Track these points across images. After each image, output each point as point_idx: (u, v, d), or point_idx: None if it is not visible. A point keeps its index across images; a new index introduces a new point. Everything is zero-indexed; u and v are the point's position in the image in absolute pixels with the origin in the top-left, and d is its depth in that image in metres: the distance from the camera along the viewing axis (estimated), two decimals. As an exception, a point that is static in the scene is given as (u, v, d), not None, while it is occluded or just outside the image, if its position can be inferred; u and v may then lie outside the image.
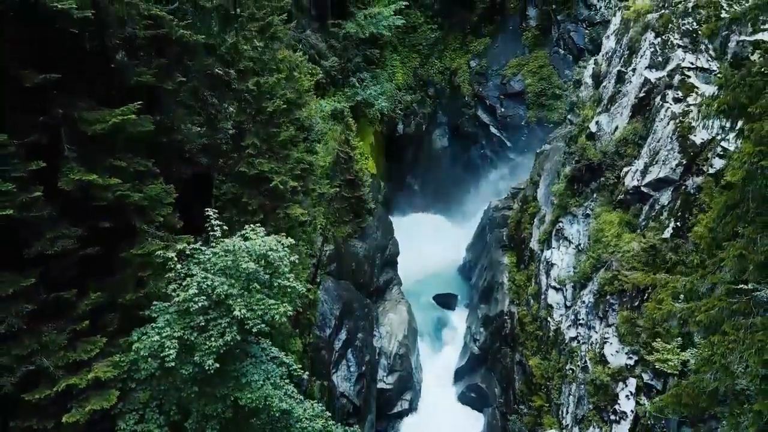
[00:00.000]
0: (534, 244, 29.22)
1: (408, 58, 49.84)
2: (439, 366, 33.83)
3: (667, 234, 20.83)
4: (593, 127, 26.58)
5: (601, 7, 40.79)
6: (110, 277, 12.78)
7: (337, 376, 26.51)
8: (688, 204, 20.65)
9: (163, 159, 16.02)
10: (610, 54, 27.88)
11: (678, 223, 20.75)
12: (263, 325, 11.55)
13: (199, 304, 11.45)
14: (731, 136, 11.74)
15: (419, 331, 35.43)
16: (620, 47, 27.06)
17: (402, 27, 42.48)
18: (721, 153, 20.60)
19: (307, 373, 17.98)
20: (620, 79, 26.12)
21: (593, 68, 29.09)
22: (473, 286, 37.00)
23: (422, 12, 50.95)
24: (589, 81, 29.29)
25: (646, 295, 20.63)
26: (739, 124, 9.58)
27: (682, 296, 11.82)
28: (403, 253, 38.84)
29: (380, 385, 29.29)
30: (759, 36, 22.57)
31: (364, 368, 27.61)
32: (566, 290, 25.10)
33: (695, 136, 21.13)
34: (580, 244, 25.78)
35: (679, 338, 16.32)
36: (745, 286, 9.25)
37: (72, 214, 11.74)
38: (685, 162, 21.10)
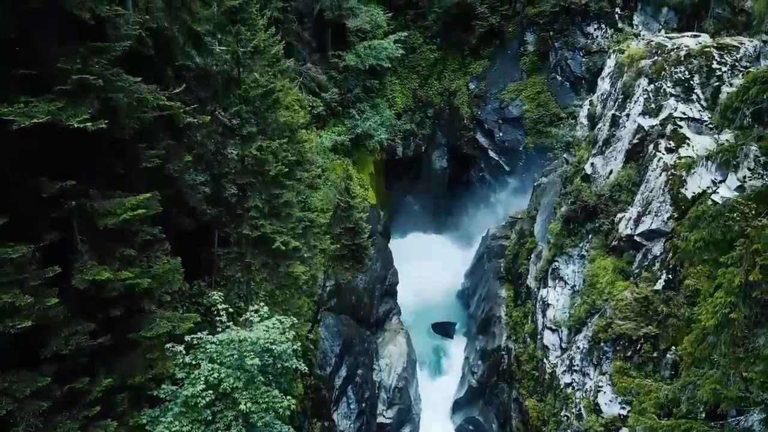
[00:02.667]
0: (530, 281, 29.77)
1: (407, 79, 50.39)
2: (437, 395, 34.38)
3: (659, 286, 21.38)
4: (588, 169, 27.11)
5: (597, 36, 41.32)
6: (120, 359, 13.31)
7: (338, 414, 27.08)
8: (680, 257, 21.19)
9: (167, 213, 16.39)
10: (605, 96, 28.39)
11: (670, 276, 21.29)
12: (268, 419, 12.10)
13: (207, 399, 12.00)
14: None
15: (418, 359, 35.99)
16: (615, 90, 27.56)
17: (401, 48, 42.68)
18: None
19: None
20: (614, 123, 26.63)
21: (588, 109, 29.60)
22: (471, 316, 37.54)
23: (421, 33, 51.50)
24: (584, 121, 29.81)
25: (639, 345, 21.23)
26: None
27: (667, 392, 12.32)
28: (402, 274, 39.28)
29: (380, 419, 29.85)
30: (749, 89, 23.35)
31: (363, 405, 28.18)
32: (562, 332, 25.64)
33: (686, 189, 21.67)
34: (575, 285, 26.31)
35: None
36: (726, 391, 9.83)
37: (83, 305, 12.27)
38: (676, 215, 21.61)
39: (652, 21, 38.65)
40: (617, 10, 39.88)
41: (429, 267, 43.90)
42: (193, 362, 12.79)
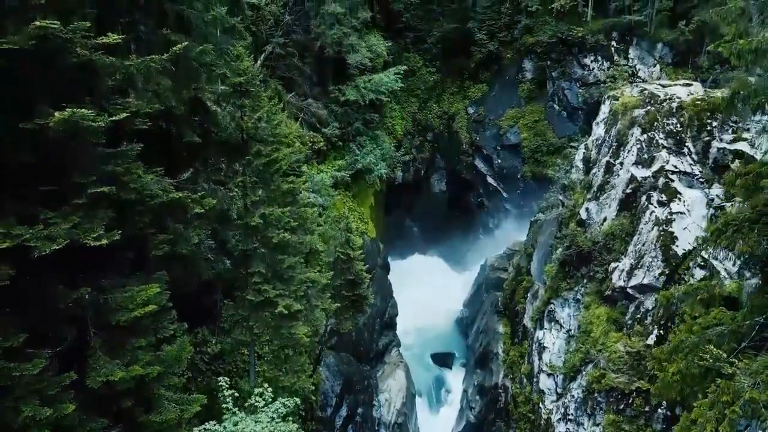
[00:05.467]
0: (527, 321, 30.38)
1: (407, 103, 50.95)
2: (436, 429, 35.00)
3: (650, 341, 21.98)
4: (583, 214, 27.70)
5: (594, 68, 41.91)
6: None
7: (339, 455, 27.72)
8: (671, 313, 21.80)
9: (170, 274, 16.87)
10: (599, 142, 28.98)
11: (661, 331, 21.89)
12: None
13: (216, 494, 12.70)
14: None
15: (417, 389, 36.62)
16: (609, 137, 28.15)
17: (401, 72, 43.08)
18: (702, 264, 21.80)
19: None
20: (609, 170, 27.22)
21: (584, 153, 30.19)
22: (470, 347, 38.15)
23: (421, 56, 52.12)
24: (580, 165, 30.38)
25: (631, 399, 21.86)
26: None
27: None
28: (402, 296, 39.71)
29: (380, 456, 30.53)
30: (738, 145, 23.95)
31: (364, 444, 28.84)
32: (557, 377, 26.25)
33: (677, 246, 22.29)
34: (570, 330, 26.92)
35: None
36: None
37: (96, 400, 12.89)
38: (667, 272, 22.23)
39: (647, 55, 39.26)
40: (613, 43, 40.52)
41: (428, 290, 44.56)
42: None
